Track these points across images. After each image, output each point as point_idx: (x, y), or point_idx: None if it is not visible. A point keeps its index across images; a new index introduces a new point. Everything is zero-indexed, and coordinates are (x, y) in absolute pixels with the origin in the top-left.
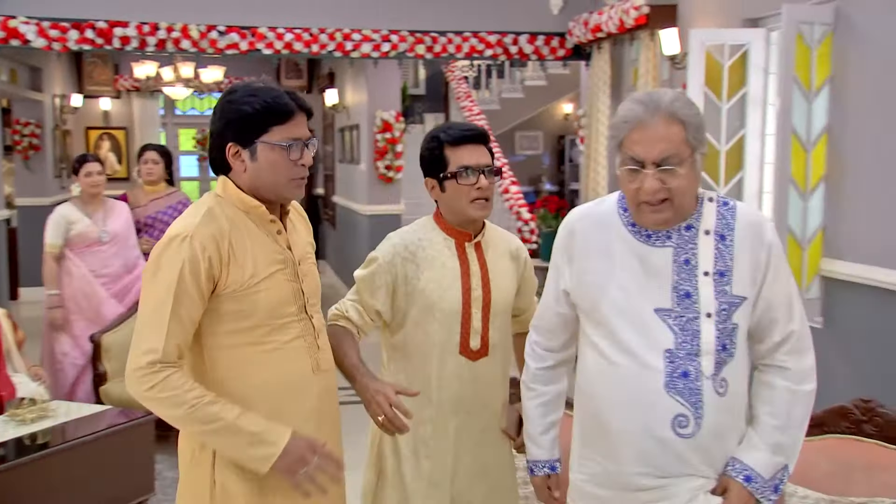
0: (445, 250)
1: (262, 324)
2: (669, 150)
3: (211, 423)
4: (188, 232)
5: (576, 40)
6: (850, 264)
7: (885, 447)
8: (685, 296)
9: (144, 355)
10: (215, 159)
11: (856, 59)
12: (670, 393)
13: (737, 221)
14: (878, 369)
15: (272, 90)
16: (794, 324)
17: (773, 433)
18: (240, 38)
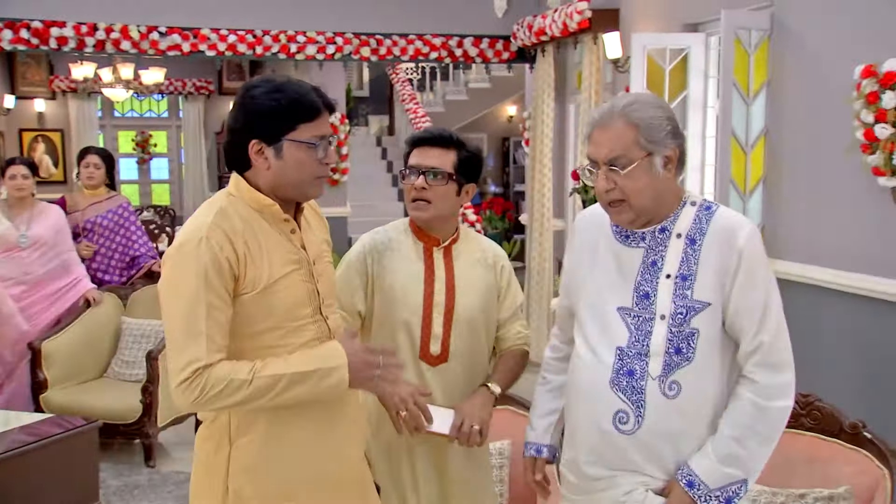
0: (412, 254)
1: (278, 326)
2: (617, 152)
3: (274, 389)
4: (202, 233)
5: (520, 43)
6: (788, 263)
7: (824, 440)
8: (644, 296)
9: (188, 366)
10: (232, 155)
11: (791, 63)
12: (613, 389)
13: (710, 226)
14: (814, 364)
15: (298, 85)
16: (764, 335)
17: (728, 444)
18: (182, 40)
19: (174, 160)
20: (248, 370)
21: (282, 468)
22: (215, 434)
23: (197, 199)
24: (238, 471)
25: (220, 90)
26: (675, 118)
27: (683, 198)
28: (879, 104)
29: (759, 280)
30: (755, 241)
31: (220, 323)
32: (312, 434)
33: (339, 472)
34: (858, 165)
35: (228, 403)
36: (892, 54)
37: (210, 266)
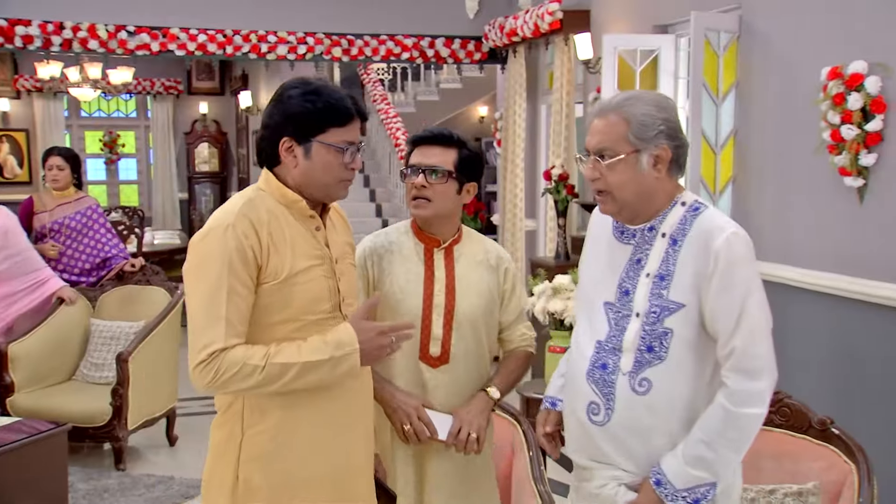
0: (413, 255)
1: (295, 318)
2: (605, 143)
3: (286, 376)
4: (229, 220)
5: (491, 44)
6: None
7: (792, 436)
8: (625, 293)
9: (205, 348)
10: (263, 151)
11: (759, 65)
12: (588, 381)
13: (693, 227)
14: (783, 362)
15: (334, 91)
16: (737, 340)
17: (697, 446)
18: (150, 39)
19: (143, 161)
20: (261, 356)
21: (291, 459)
22: (228, 423)
23: (166, 200)
24: (248, 459)
25: (190, 90)
26: (676, 121)
27: (675, 198)
28: (845, 105)
29: (736, 284)
30: (734, 244)
31: (241, 309)
32: (323, 428)
33: (348, 467)
34: (826, 165)
35: (242, 387)
36: (857, 56)
37: (235, 253)
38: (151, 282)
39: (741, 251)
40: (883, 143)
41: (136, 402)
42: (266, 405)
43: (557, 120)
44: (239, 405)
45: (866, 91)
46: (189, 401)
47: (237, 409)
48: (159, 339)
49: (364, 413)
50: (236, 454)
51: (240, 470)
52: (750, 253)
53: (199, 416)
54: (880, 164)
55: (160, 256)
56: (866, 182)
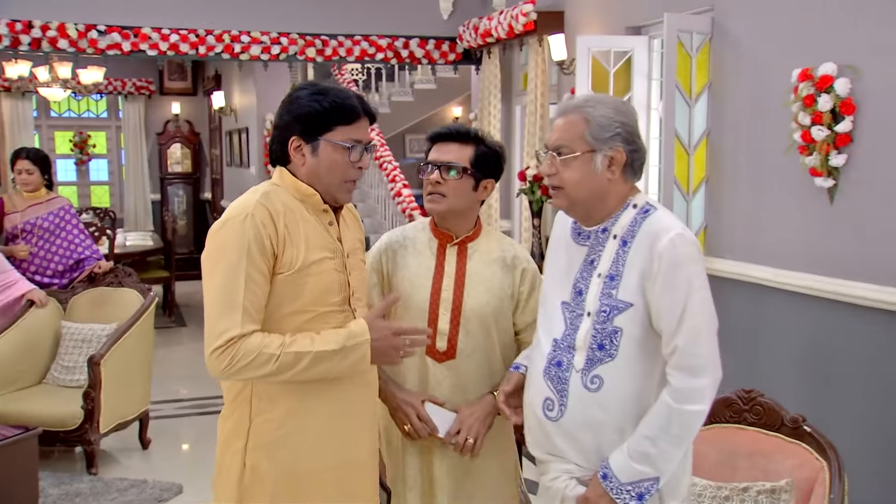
0: (426, 250)
1: (305, 310)
2: (562, 140)
3: (300, 364)
4: (248, 210)
5: (466, 45)
6: (729, 262)
7: (766, 434)
8: (579, 293)
9: (222, 335)
10: (275, 151)
11: (731, 66)
12: (544, 378)
13: (641, 229)
14: (756, 360)
15: (341, 91)
16: (679, 339)
17: (642, 442)
18: (122, 39)
19: (114, 161)
20: (277, 345)
21: (298, 448)
22: (236, 412)
23: (138, 201)
24: (255, 447)
25: (162, 90)
26: (633, 126)
27: (628, 200)
28: (816, 107)
29: (679, 284)
30: (678, 245)
31: (257, 296)
32: (330, 419)
33: (353, 459)
34: (797, 166)
35: (256, 375)
36: (827, 58)
37: (253, 241)
38: (124, 283)
39: (685, 251)
40: (852, 143)
41: (108, 406)
42: (274, 394)
43: (532, 121)
44: (247, 393)
45: (836, 93)
46: (162, 403)
47: (245, 396)
48: (132, 342)
49: (370, 408)
50: (244, 441)
51: (247, 457)
52: (694, 253)
53: (173, 419)
54: (850, 165)
55: (132, 258)
56: (836, 182)
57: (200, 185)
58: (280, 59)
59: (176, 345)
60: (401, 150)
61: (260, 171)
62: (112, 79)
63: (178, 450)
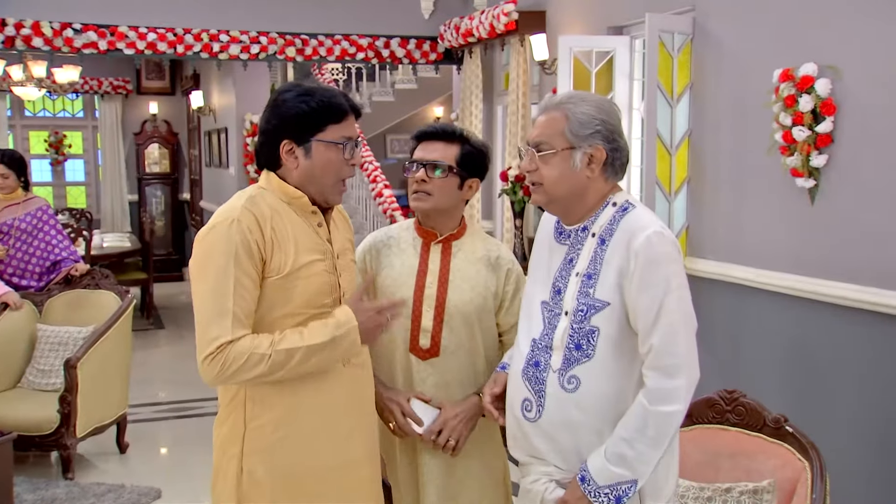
0: (411, 248)
1: (297, 313)
2: (542, 136)
3: (292, 361)
4: (234, 215)
5: (447, 44)
6: (711, 262)
7: (748, 434)
8: (557, 292)
9: (213, 342)
10: (262, 155)
11: (712, 66)
12: (523, 378)
13: (619, 227)
14: (738, 360)
15: (327, 90)
16: (654, 338)
17: (619, 444)
18: (98, 37)
19: (91, 162)
20: (267, 344)
21: (294, 450)
22: (230, 417)
23: (115, 202)
24: (251, 452)
25: (139, 90)
26: (615, 124)
27: (608, 198)
28: (797, 107)
29: (655, 283)
30: (654, 243)
31: (247, 301)
32: (325, 418)
33: (351, 457)
34: (778, 166)
35: (249, 377)
36: (808, 59)
37: (240, 246)
38: (101, 286)
39: (661, 250)
40: (833, 144)
41: (84, 410)
42: (268, 397)
43: (513, 121)
44: (241, 397)
45: (817, 93)
46: (140, 407)
47: (239, 400)
48: (109, 345)
49: (366, 404)
50: (240, 447)
51: (244, 462)
52: (672, 252)
53: (151, 423)
54: (830, 166)
55: (110, 259)
56: (817, 183)
57: (179, 186)
58: (259, 59)
59: (154, 347)
60: (382, 150)
61: (239, 171)
62: (88, 78)
63: (156, 454)
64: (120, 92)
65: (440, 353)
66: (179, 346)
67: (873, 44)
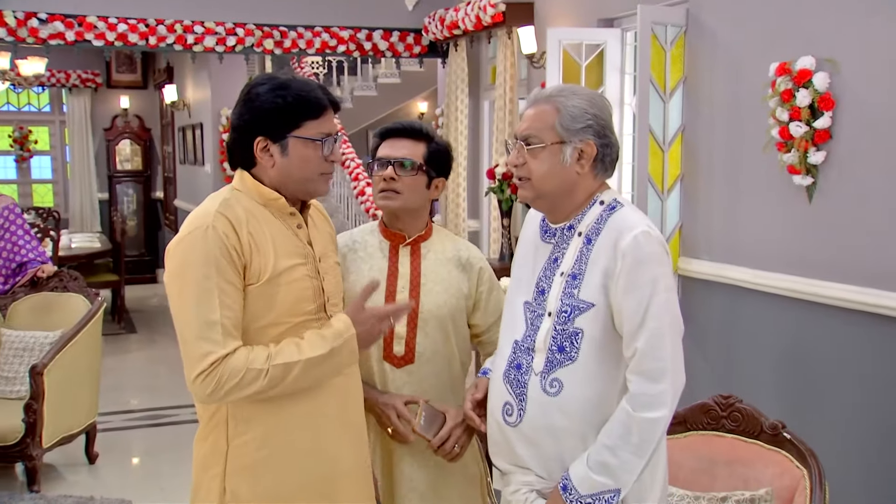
0: (378, 252)
1: (280, 322)
2: (531, 130)
3: (290, 374)
4: (208, 221)
5: (432, 37)
6: (706, 263)
7: (744, 441)
8: (541, 292)
9: (204, 358)
10: (236, 153)
11: (707, 60)
12: (504, 381)
13: (605, 226)
14: (733, 364)
15: (304, 83)
16: (639, 341)
17: (602, 452)
18: (65, 28)
19: (58, 158)
20: (263, 359)
21: (279, 468)
22: (212, 434)
23: (84, 201)
24: (235, 471)
25: (109, 83)
26: (606, 119)
27: (595, 196)
28: (794, 102)
29: (641, 284)
30: (642, 243)
31: (234, 310)
32: (310, 434)
33: (338, 471)
34: (775, 163)
35: (246, 393)
36: (805, 52)
37: (218, 253)
38: (69, 288)
39: (649, 250)
40: (832, 140)
41: (51, 418)
42: (250, 414)
43: (500, 116)
44: (222, 414)
45: (814, 87)
46: (110, 415)
47: (221, 418)
48: (78, 350)
49: (353, 415)
50: (222, 466)
51: (227, 482)
52: (660, 253)
53: (122, 432)
54: (829, 163)
55: (78, 261)
56: (815, 181)
57: (152, 184)
58: (236, 52)
59: (126, 353)
60: (364, 146)
61: (215, 169)
62: (55, 70)
63: (127, 464)
64: (89, 85)
65: (415, 359)
66: (152, 350)
67: (873, 36)
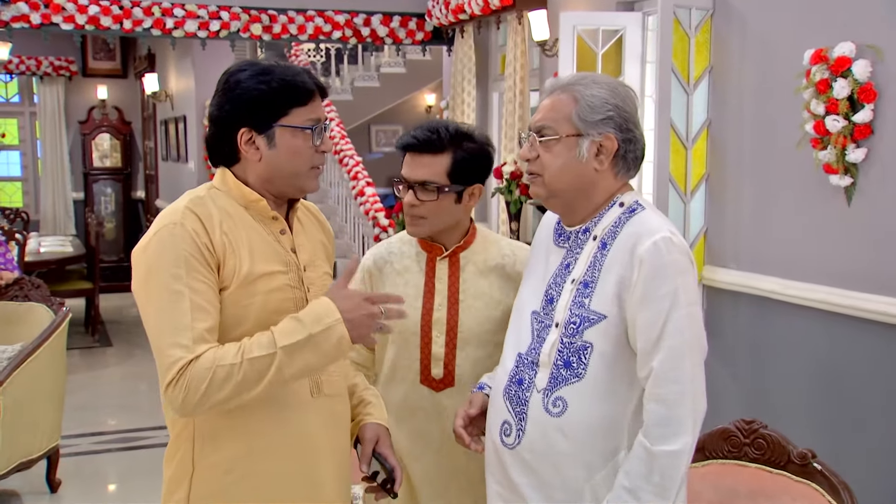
0: (414, 265)
1: (253, 334)
2: (547, 120)
3: (270, 369)
4: (175, 219)
5: (436, 22)
6: (733, 272)
7: (769, 471)
8: (550, 300)
9: (173, 366)
10: (216, 148)
11: (735, 47)
12: (504, 398)
13: (623, 230)
14: (761, 384)
15: (288, 67)
16: (654, 361)
17: (622, 495)
18: (30, 10)
19: (28, 154)
20: (234, 353)
21: (249, 496)
22: (178, 453)
23: (57, 201)
24: (200, 497)
25: (85, 71)
26: (630, 112)
27: (615, 198)
28: (830, 93)
29: (661, 296)
30: (662, 250)
31: (208, 311)
32: (285, 458)
33: (317, 499)
34: (809, 162)
35: (222, 396)
36: (844, 38)
37: (188, 251)
38: (31, 297)
39: (670, 258)
40: (873, 136)
41: (9, 442)
42: (218, 432)
43: (510, 110)
44: (189, 432)
45: (854, 77)
46: (79, 437)
47: (188, 435)
48: (39, 366)
49: (339, 440)
50: (186, 491)
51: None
52: (683, 262)
53: (91, 456)
54: (870, 161)
55: (48, 267)
56: (854, 181)
57: (132, 183)
58: (220, 37)
59: (100, 368)
60: (366, 142)
61: (200, 166)
62: (24, 57)
63: (95, 492)
64: (62, 73)
65: (455, 382)
66: (129, 365)
67: None
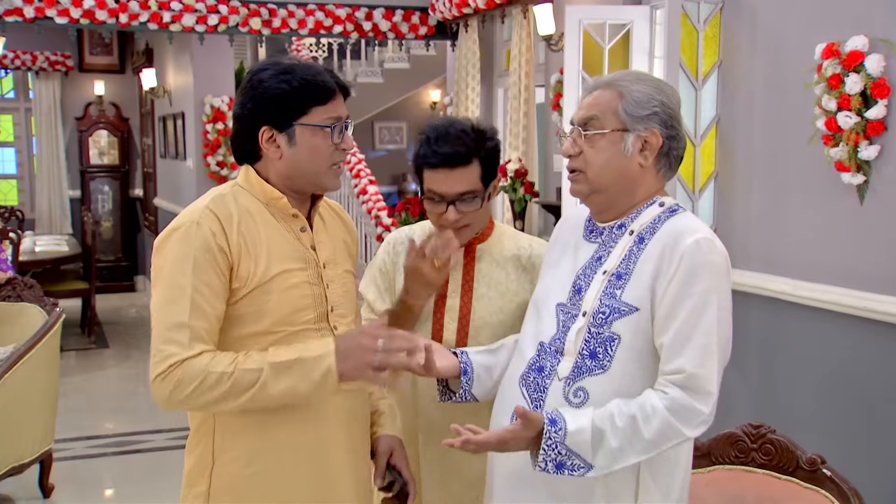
0: None
1: (272, 331)
2: (591, 113)
3: (256, 383)
4: (194, 218)
5: (439, 16)
6: (743, 273)
7: (777, 478)
8: (577, 291)
9: (165, 359)
10: (240, 146)
11: (745, 42)
12: (521, 384)
13: (663, 227)
14: (772, 388)
15: (309, 66)
16: (683, 359)
17: (605, 423)
18: (23, 3)
19: (23, 151)
20: (228, 362)
21: (268, 490)
22: (198, 447)
23: (53, 199)
24: (220, 491)
25: (82, 66)
26: (675, 109)
27: (655, 198)
28: (842, 89)
29: (695, 293)
30: (704, 250)
31: (207, 314)
32: (305, 453)
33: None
34: (821, 159)
35: (207, 400)
36: (856, 31)
37: (200, 253)
38: (24, 298)
39: (711, 258)
40: (886, 132)
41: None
42: (239, 427)
43: (515, 106)
44: (209, 425)
45: (867, 72)
46: (70, 441)
47: (208, 428)
48: (32, 367)
49: (358, 436)
50: (206, 485)
51: (210, 502)
52: (723, 264)
53: (87, 460)
54: (883, 158)
55: (43, 266)
56: (867, 179)
57: (130, 180)
58: (219, 32)
59: (97, 370)
60: (369, 139)
61: (198, 164)
62: (19, 52)
63: (90, 497)
64: (58, 69)
65: None
66: (126, 367)
67: None
